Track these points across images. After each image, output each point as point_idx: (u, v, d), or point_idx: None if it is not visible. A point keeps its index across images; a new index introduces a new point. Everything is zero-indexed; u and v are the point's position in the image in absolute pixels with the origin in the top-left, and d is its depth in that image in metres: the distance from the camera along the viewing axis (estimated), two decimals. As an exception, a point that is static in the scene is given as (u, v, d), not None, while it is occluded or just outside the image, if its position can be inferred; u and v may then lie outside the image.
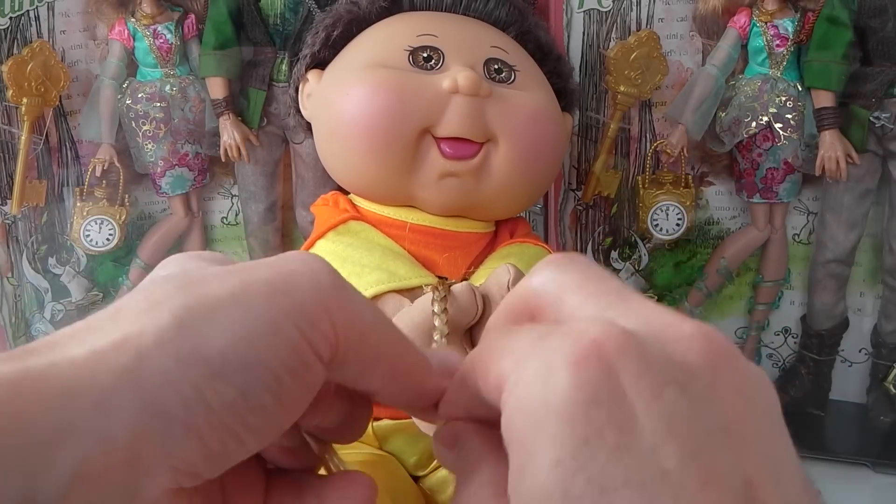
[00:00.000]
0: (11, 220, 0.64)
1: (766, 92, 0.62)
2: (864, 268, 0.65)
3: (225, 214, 0.69)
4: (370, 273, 0.44)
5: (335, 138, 0.50)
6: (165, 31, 0.64)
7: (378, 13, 0.53)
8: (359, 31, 0.53)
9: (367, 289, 0.42)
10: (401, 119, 0.47)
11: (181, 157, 0.66)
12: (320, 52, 0.53)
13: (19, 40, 0.62)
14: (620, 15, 0.62)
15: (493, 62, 0.50)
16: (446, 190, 0.48)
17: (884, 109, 0.61)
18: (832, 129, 0.61)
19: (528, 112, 0.49)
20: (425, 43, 0.50)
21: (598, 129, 0.64)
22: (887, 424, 0.66)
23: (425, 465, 0.50)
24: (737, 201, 0.66)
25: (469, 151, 0.47)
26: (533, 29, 0.55)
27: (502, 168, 0.48)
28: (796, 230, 0.66)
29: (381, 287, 0.42)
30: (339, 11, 0.54)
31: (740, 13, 0.62)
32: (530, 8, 0.58)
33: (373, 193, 0.50)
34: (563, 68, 0.57)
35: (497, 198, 0.49)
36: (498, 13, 0.54)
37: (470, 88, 0.47)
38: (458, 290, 0.42)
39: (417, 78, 0.48)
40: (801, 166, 0.63)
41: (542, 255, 0.50)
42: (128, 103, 0.65)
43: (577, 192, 0.65)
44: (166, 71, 0.65)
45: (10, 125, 0.63)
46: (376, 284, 0.42)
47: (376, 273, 0.44)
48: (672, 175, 0.64)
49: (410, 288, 0.44)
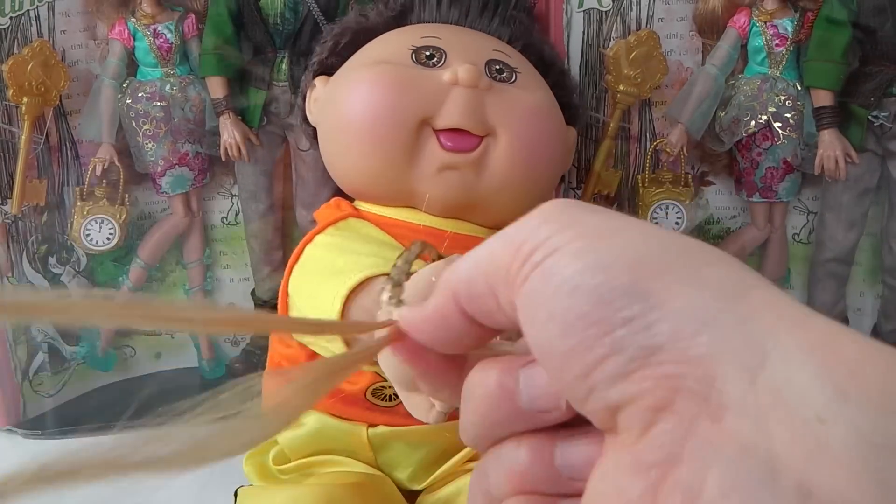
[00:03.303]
0: (11, 220, 0.64)
1: (766, 91, 0.62)
2: (863, 267, 0.66)
3: (225, 214, 0.69)
4: (366, 259, 0.43)
5: (337, 135, 0.50)
6: (165, 31, 0.64)
7: (385, 24, 0.54)
8: (366, 41, 0.54)
9: (360, 272, 0.41)
10: (400, 110, 0.47)
11: (181, 156, 0.66)
12: (328, 59, 0.55)
13: (19, 40, 0.62)
14: (620, 14, 0.63)
15: (494, 62, 0.51)
16: (445, 183, 0.48)
17: (883, 109, 0.61)
18: (831, 129, 0.61)
19: (529, 107, 0.49)
20: (428, 43, 0.50)
21: (598, 128, 0.64)
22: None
23: (421, 478, 0.50)
24: (736, 201, 0.66)
25: (469, 144, 0.48)
26: (537, 43, 0.56)
27: (502, 162, 0.48)
28: (796, 229, 0.66)
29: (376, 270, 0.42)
30: (348, 21, 0.56)
31: (740, 13, 0.62)
32: (534, 24, 0.58)
33: (373, 191, 0.50)
34: (567, 82, 0.57)
35: (497, 195, 0.49)
36: (502, 29, 0.54)
37: (469, 80, 0.47)
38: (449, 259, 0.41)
39: (418, 72, 0.49)
40: (800, 165, 0.63)
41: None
42: (128, 103, 0.65)
43: (577, 190, 0.65)
44: (166, 70, 0.65)
45: (11, 125, 0.63)
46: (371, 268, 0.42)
47: (372, 259, 0.43)
48: (672, 174, 0.64)
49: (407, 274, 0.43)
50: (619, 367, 0.18)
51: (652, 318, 0.18)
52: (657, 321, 0.18)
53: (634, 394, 0.18)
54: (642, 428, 0.18)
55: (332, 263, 0.44)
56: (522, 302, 0.20)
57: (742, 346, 0.17)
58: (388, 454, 0.49)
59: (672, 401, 0.18)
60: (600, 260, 0.19)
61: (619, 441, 0.19)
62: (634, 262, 0.19)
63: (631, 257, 0.19)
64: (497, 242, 0.21)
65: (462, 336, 0.23)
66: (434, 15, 0.54)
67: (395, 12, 0.54)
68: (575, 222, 0.20)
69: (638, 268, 0.19)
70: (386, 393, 0.48)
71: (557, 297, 0.19)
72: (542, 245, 0.20)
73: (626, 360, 0.18)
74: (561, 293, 0.19)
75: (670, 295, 0.18)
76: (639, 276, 0.19)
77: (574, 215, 0.21)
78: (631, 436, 0.18)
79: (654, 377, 0.18)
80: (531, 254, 0.20)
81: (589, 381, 0.19)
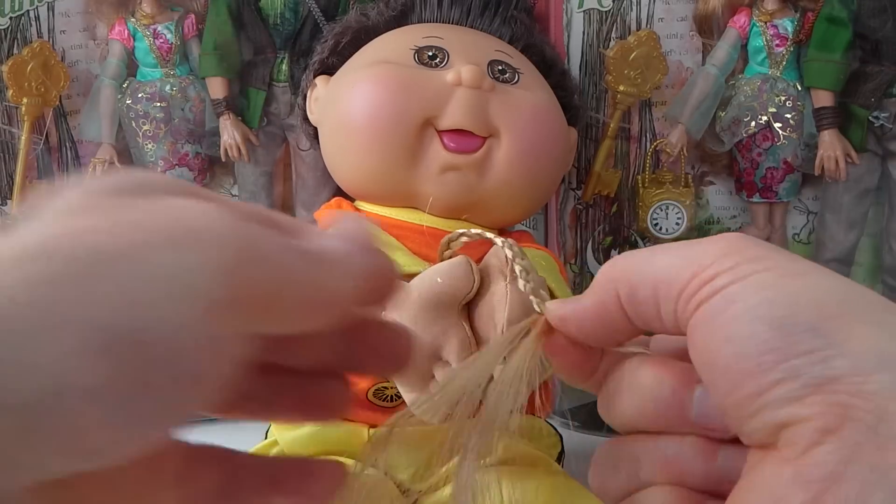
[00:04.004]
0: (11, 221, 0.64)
1: (766, 91, 0.62)
2: (864, 267, 0.66)
3: (225, 214, 0.69)
4: None
5: (339, 134, 0.50)
6: (165, 31, 0.64)
7: (387, 24, 0.54)
8: (367, 41, 0.54)
9: None
10: (403, 109, 0.47)
11: (181, 156, 0.66)
12: (329, 58, 0.55)
13: (19, 40, 0.62)
14: (620, 15, 0.63)
15: (497, 63, 0.51)
16: (448, 184, 0.48)
17: (883, 109, 0.61)
18: (831, 129, 0.61)
19: (532, 108, 0.49)
20: (431, 43, 0.51)
21: (598, 128, 0.64)
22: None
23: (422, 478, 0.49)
24: (736, 201, 0.66)
25: (471, 145, 0.48)
26: (538, 43, 0.56)
27: (504, 163, 0.48)
28: (796, 230, 0.66)
29: None
30: (349, 20, 0.56)
31: (740, 13, 0.62)
32: (535, 25, 0.58)
33: (374, 191, 0.50)
34: (568, 83, 0.57)
35: (498, 196, 0.49)
36: (503, 29, 0.54)
37: (473, 80, 0.47)
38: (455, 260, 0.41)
39: (421, 72, 0.49)
40: (800, 166, 0.64)
41: (545, 258, 0.50)
42: (128, 103, 0.65)
43: (577, 191, 0.65)
44: (166, 71, 0.65)
45: (10, 125, 0.63)
46: None
47: None
48: (672, 174, 0.64)
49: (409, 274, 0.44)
50: (793, 392, 0.20)
51: (830, 353, 0.20)
52: (835, 356, 0.20)
53: (805, 415, 0.19)
54: (807, 445, 0.19)
55: None
56: (699, 321, 0.22)
57: None
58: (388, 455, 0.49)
59: (841, 426, 0.19)
60: (785, 295, 0.21)
61: (779, 455, 0.20)
62: (819, 302, 0.21)
63: (815, 297, 0.21)
64: (674, 259, 0.23)
65: (616, 332, 0.25)
66: (435, 14, 0.54)
67: (396, 12, 0.54)
68: (762, 257, 0.22)
69: (821, 308, 0.21)
70: (387, 394, 0.48)
71: (738, 322, 0.21)
72: (727, 272, 0.21)
73: (800, 386, 0.20)
74: (743, 319, 0.21)
75: (850, 336, 0.20)
76: (822, 316, 0.20)
77: (761, 251, 0.22)
78: (794, 451, 0.20)
79: (826, 403, 0.19)
80: (713, 278, 0.22)
81: (760, 400, 0.20)
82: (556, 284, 0.45)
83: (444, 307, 0.40)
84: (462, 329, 0.38)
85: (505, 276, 0.38)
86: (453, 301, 0.40)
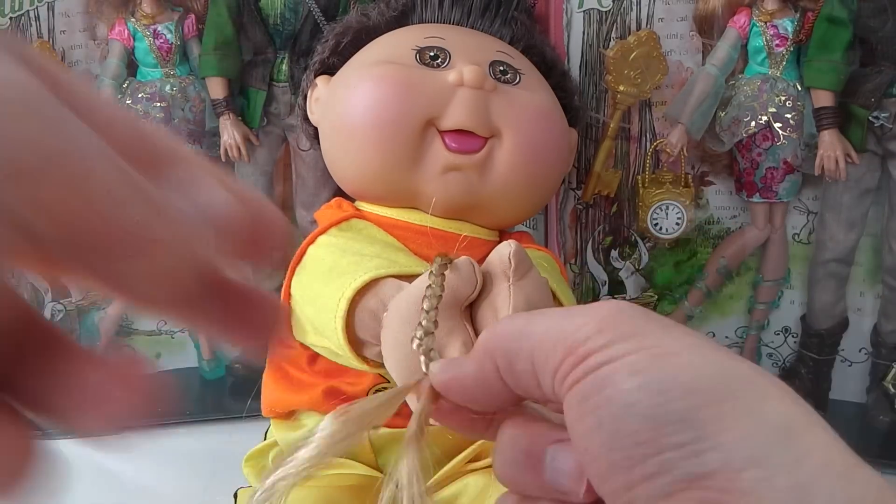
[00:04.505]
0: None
1: (766, 91, 0.62)
2: (864, 267, 0.66)
3: (225, 214, 0.69)
4: (370, 260, 0.43)
5: (340, 134, 0.50)
6: (165, 31, 0.64)
7: (387, 24, 0.54)
8: (368, 41, 0.54)
9: (366, 273, 0.41)
10: (405, 110, 0.47)
11: (181, 157, 0.66)
12: (329, 58, 0.55)
13: (19, 40, 0.62)
14: (620, 15, 0.63)
15: (498, 64, 0.51)
16: (449, 185, 0.48)
17: (883, 109, 0.61)
18: (831, 129, 0.61)
19: (533, 108, 0.49)
20: (432, 43, 0.51)
21: (598, 128, 0.64)
22: (886, 424, 0.66)
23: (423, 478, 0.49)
24: (736, 200, 0.66)
25: (473, 146, 0.48)
26: (539, 44, 0.56)
27: (506, 164, 0.48)
28: (796, 230, 0.66)
29: (381, 272, 0.42)
30: (350, 20, 0.55)
31: (740, 13, 0.62)
32: (536, 26, 0.59)
33: (376, 191, 0.50)
34: (569, 84, 0.57)
35: (500, 196, 0.49)
36: (504, 30, 0.54)
37: (475, 81, 0.47)
38: (458, 262, 0.41)
39: (423, 72, 0.49)
40: (800, 166, 0.64)
41: (545, 258, 0.50)
42: (128, 103, 0.65)
43: (577, 191, 0.65)
44: (166, 71, 0.65)
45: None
46: (376, 269, 0.42)
47: (376, 260, 0.43)
48: (672, 174, 0.64)
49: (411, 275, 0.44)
50: (664, 487, 0.19)
51: (702, 447, 0.19)
52: (707, 450, 0.19)
53: None
54: None
55: (336, 264, 0.44)
56: (572, 401, 0.21)
57: (785, 489, 0.18)
58: (389, 455, 0.49)
59: None
60: (657, 381, 0.20)
61: None
62: (691, 388, 0.20)
63: (688, 382, 0.20)
64: (548, 331, 0.22)
65: (497, 399, 0.24)
66: (436, 15, 0.54)
67: (396, 12, 0.54)
68: (636, 334, 0.21)
69: (694, 394, 0.20)
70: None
71: (609, 408, 0.20)
72: (599, 351, 0.21)
73: (671, 481, 0.19)
74: (613, 406, 0.20)
75: (723, 427, 0.19)
76: (693, 404, 0.19)
77: (637, 326, 0.21)
78: None
79: (696, 499, 0.19)
80: (586, 357, 0.21)
81: (631, 494, 0.20)
82: (559, 286, 0.45)
83: (447, 308, 0.40)
84: (465, 330, 0.38)
85: (507, 277, 0.38)
86: (457, 301, 0.40)
